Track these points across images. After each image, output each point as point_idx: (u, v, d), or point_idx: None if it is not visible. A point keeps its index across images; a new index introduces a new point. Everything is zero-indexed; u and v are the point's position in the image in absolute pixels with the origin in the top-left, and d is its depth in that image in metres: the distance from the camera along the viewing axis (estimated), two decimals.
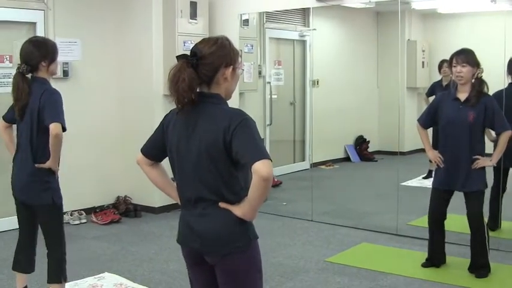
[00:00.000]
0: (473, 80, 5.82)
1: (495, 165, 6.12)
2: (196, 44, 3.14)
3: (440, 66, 9.41)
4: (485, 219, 6.01)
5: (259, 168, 2.86)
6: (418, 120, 6.22)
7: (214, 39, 3.13)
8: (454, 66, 5.84)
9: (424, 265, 6.24)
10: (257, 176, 2.88)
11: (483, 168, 5.89)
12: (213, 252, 3.12)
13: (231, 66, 3.12)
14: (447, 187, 6.00)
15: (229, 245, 3.08)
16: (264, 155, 2.89)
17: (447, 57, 6.11)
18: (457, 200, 6.08)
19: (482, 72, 5.82)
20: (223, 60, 3.08)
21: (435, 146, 6.31)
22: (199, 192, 3.10)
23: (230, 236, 3.09)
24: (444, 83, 9.19)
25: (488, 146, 6.13)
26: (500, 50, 6.86)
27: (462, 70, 5.77)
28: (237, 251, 3.09)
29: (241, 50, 8.56)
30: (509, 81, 7.03)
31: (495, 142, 6.15)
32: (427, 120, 6.17)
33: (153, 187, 3.44)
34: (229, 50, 3.13)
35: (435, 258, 6.24)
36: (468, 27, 10.10)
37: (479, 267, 5.95)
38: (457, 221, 6.30)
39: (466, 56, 5.80)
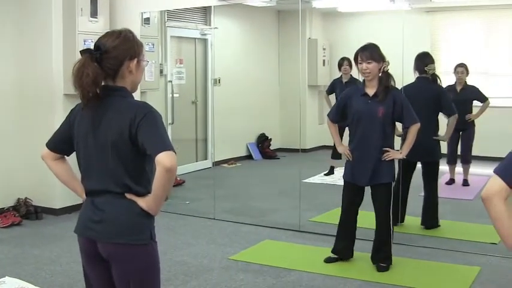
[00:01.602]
0: (380, 74, 5.91)
1: (405, 157, 6.21)
2: (99, 38, 3.13)
3: (340, 64, 9.51)
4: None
5: (162, 159, 2.87)
6: (328, 115, 6.26)
7: (117, 33, 3.12)
8: (360, 63, 5.89)
9: (327, 260, 6.29)
10: (160, 167, 2.88)
11: (392, 161, 5.98)
12: (112, 239, 3.05)
13: (136, 59, 3.12)
14: (356, 182, 6.08)
15: (130, 235, 3.04)
16: (167, 147, 2.91)
17: (347, 55, 6.22)
18: (365, 196, 6.17)
19: (388, 65, 5.89)
20: (128, 53, 3.08)
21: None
22: (105, 184, 3.07)
23: (132, 226, 3.06)
24: (344, 80, 9.33)
25: (396, 140, 6.25)
26: (398, 48, 7.01)
27: (368, 67, 5.82)
28: (137, 244, 3.06)
29: None
30: (417, 75, 7.20)
31: (402, 136, 6.28)
32: (337, 115, 6.20)
33: (54, 188, 3.40)
34: (133, 43, 3.13)
35: (344, 253, 6.29)
36: (368, 26, 10.32)
37: (382, 258, 6.06)
38: (363, 217, 6.37)
39: (371, 53, 5.85)
